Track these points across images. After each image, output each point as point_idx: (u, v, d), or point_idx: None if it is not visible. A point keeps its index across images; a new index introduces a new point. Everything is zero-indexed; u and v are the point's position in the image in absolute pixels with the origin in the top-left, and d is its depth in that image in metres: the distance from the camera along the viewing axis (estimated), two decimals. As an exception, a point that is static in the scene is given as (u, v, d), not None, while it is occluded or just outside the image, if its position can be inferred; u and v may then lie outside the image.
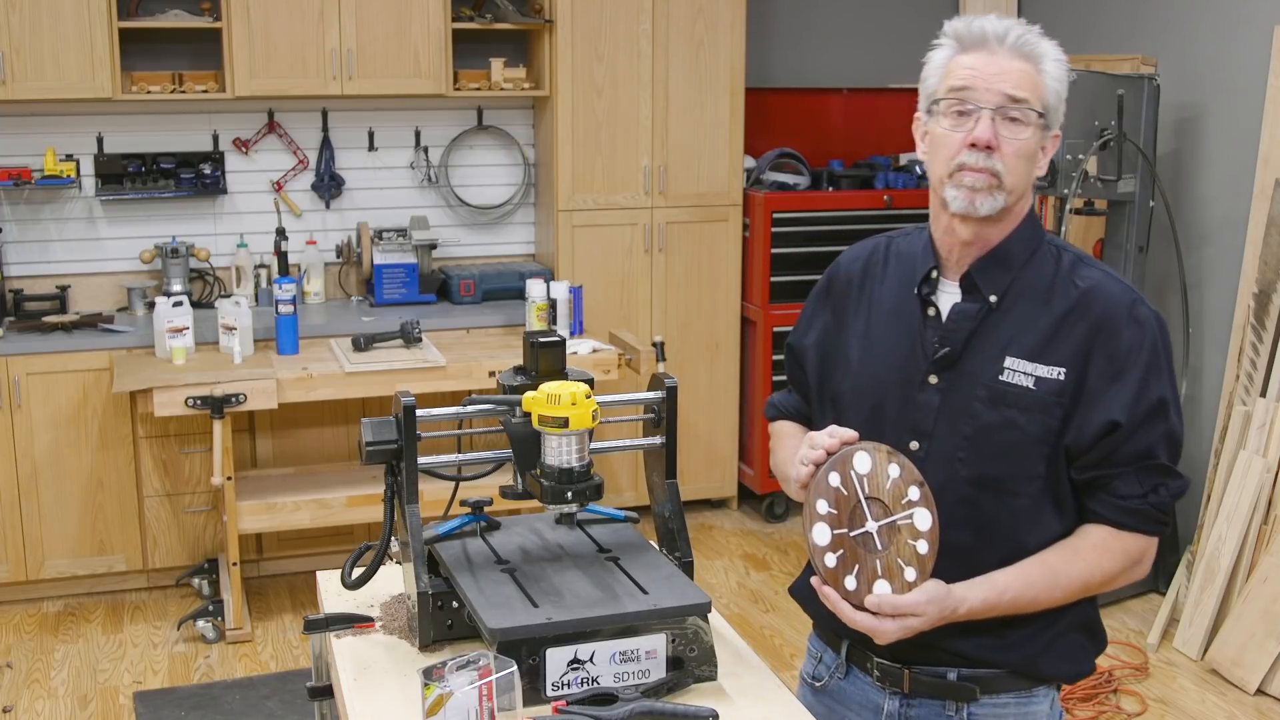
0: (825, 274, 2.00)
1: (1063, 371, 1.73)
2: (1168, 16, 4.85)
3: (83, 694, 3.95)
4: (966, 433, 1.76)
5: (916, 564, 1.67)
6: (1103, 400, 1.72)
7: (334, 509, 4.35)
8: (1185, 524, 4.61)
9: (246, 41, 4.63)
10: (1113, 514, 1.76)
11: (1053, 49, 1.76)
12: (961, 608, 1.70)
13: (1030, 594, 1.74)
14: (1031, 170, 1.76)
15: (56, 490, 4.46)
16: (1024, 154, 1.73)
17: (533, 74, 5.12)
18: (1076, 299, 1.75)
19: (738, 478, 5.47)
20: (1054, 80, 1.75)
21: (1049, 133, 1.76)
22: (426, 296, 5.02)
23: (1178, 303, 4.69)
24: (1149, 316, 1.75)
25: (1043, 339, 1.75)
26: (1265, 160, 4.32)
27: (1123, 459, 1.73)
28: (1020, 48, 1.73)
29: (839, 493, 1.68)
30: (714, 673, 1.83)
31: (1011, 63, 1.73)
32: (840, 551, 1.67)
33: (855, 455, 1.69)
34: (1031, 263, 1.79)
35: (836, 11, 5.79)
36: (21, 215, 4.81)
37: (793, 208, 5.25)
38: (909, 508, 1.68)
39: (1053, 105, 1.75)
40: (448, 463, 1.99)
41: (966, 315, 1.78)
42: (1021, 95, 1.72)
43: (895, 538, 1.67)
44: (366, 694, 1.78)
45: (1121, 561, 1.77)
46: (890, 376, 1.82)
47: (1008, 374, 1.75)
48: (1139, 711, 3.85)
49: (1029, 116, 1.72)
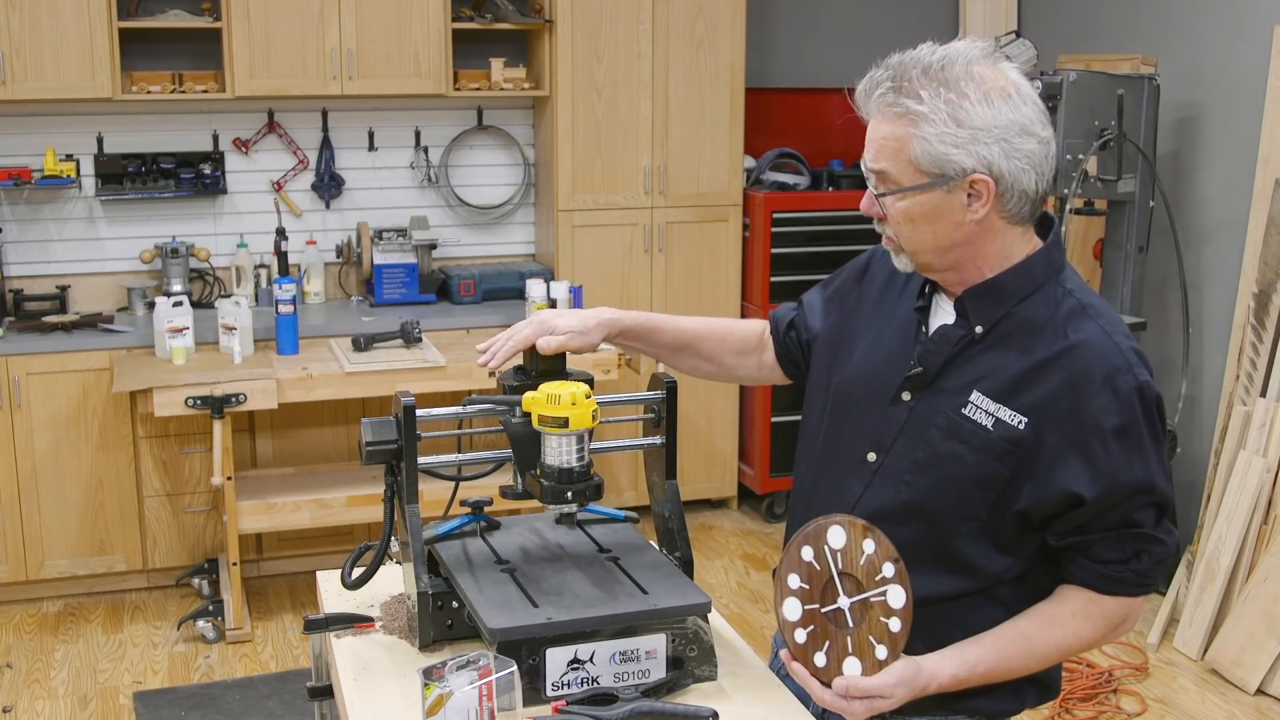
0: (865, 255, 1.95)
1: (1024, 421, 1.64)
2: (1168, 17, 4.85)
3: (83, 694, 3.95)
4: (918, 457, 1.72)
5: (888, 642, 1.62)
6: (1063, 468, 1.63)
7: (334, 509, 4.35)
8: (1185, 524, 4.61)
9: (246, 41, 4.63)
10: (1092, 579, 1.69)
11: (935, 101, 1.58)
12: (932, 685, 1.65)
13: (1005, 666, 1.69)
14: (939, 228, 1.65)
15: (56, 490, 4.46)
16: (910, 217, 1.65)
17: (533, 74, 5.12)
18: (1059, 351, 1.65)
19: (738, 478, 5.47)
20: (930, 138, 1.59)
21: (955, 183, 1.61)
22: (426, 296, 5.02)
23: (1178, 303, 4.69)
24: (1129, 387, 1.63)
25: (1013, 382, 1.66)
26: (1265, 160, 4.32)
27: (1100, 527, 1.66)
28: (880, 111, 1.63)
29: (811, 567, 1.63)
30: (714, 673, 1.83)
31: (878, 128, 1.64)
32: (811, 627, 1.62)
33: (830, 529, 1.64)
34: (1031, 300, 1.69)
35: (836, 11, 5.79)
36: (21, 215, 4.81)
37: (793, 208, 5.25)
38: (883, 584, 1.62)
39: (931, 163, 1.60)
40: (448, 463, 1.99)
41: (948, 339, 1.72)
42: (879, 166, 1.65)
43: (868, 614, 1.62)
44: (366, 694, 1.78)
45: (1102, 628, 1.71)
46: (875, 380, 1.79)
47: (970, 409, 1.68)
48: (1139, 711, 3.85)
49: (892, 183, 1.64)
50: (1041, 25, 5.51)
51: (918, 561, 1.68)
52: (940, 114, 1.59)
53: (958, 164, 1.61)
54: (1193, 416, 4.72)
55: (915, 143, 1.61)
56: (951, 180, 1.62)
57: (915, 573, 1.66)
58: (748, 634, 4.27)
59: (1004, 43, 4.68)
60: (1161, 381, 4.85)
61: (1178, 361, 4.68)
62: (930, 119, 1.59)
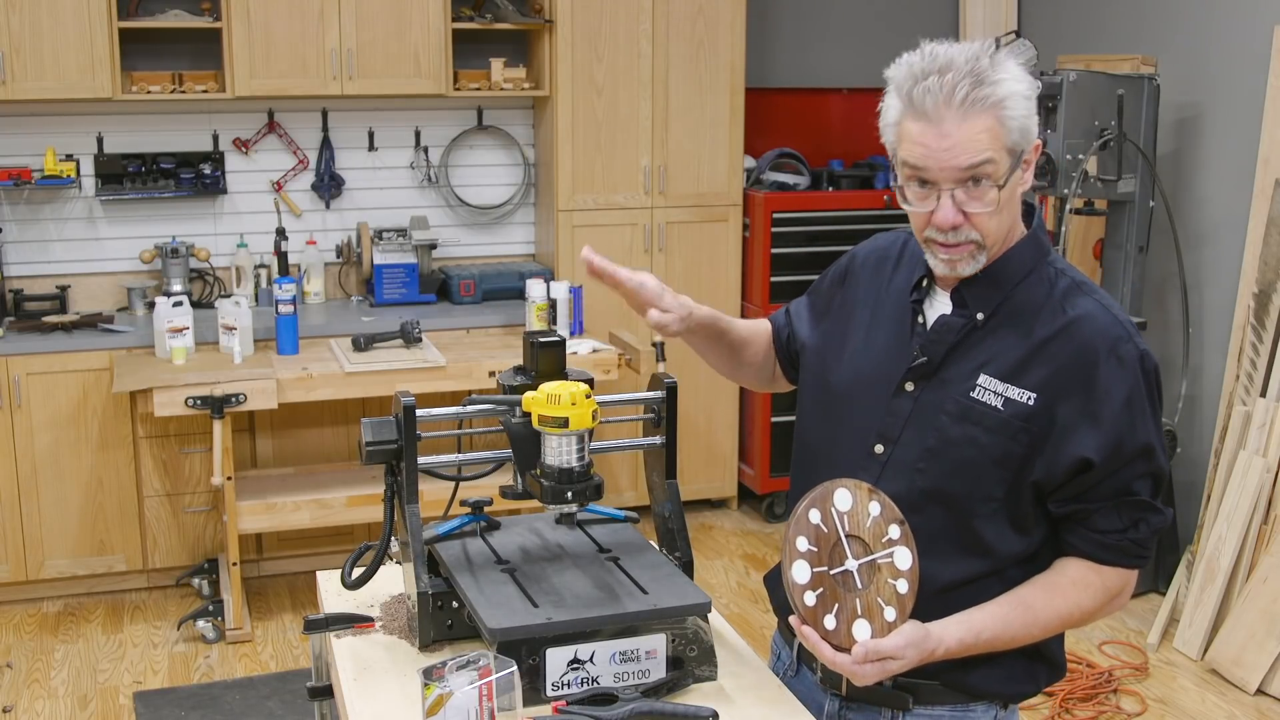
0: (846, 258, 1.97)
1: (1033, 397, 1.69)
2: (1168, 16, 4.85)
3: (83, 694, 3.95)
4: (929, 444, 1.75)
5: (896, 604, 1.65)
6: (1075, 436, 1.68)
7: (334, 509, 4.35)
8: (1185, 524, 4.61)
9: (246, 41, 4.63)
10: (1091, 548, 1.74)
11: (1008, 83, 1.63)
12: (939, 649, 1.68)
13: (1009, 633, 1.72)
14: (1012, 211, 1.71)
15: (56, 490, 4.46)
16: (1003, 204, 1.67)
17: (533, 74, 5.12)
18: (1061, 326, 1.71)
19: (738, 478, 5.47)
20: (1017, 115, 1.63)
21: (1027, 154, 1.67)
22: (426, 296, 5.02)
23: (1178, 303, 4.69)
24: (1133, 354, 1.70)
25: (1019, 362, 1.71)
26: (1265, 160, 4.32)
27: (1101, 495, 1.71)
28: (971, 106, 1.61)
29: (819, 530, 1.65)
30: (714, 673, 1.83)
31: (961, 128, 1.61)
32: (820, 590, 1.64)
33: (836, 492, 1.67)
34: (1026, 283, 1.74)
35: (836, 11, 5.79)
36: (21, 215, 4.81)
37: (793, 208, 5.25)
38: (889, 546, 1.65)
39: (1020, 137, 1.65)
40: (448, 463, 1.99)
41: (950, 328, 1.76)
42: (980, 159, 1.62)
43: (875, 576, 1.65)
44: (366, 694, 1.78)
45: (1101, 597, 1.75)
46: (873, 375, 1.82)
47: (979, 391, 1.72)
48: (1139, 711, 3.85)
49: (994, 171, 1.63)
50: (1041, 25, 5.51)
51: (935, 548, 1.72)
52: (1021, 88, 1.64)
53: (1033, 133, 1.67)
54: (1193, 416, 4.72)
55: (1010, 124, 1.63)
56: (1026, 153, 1.67)
57: (933, 559, 1.71)
58: (748, 634, 4.26)
59: (1004, 43, 4.67)
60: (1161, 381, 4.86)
61: (1178, 361, 4.68)
62: (1014, 97, 1.63)
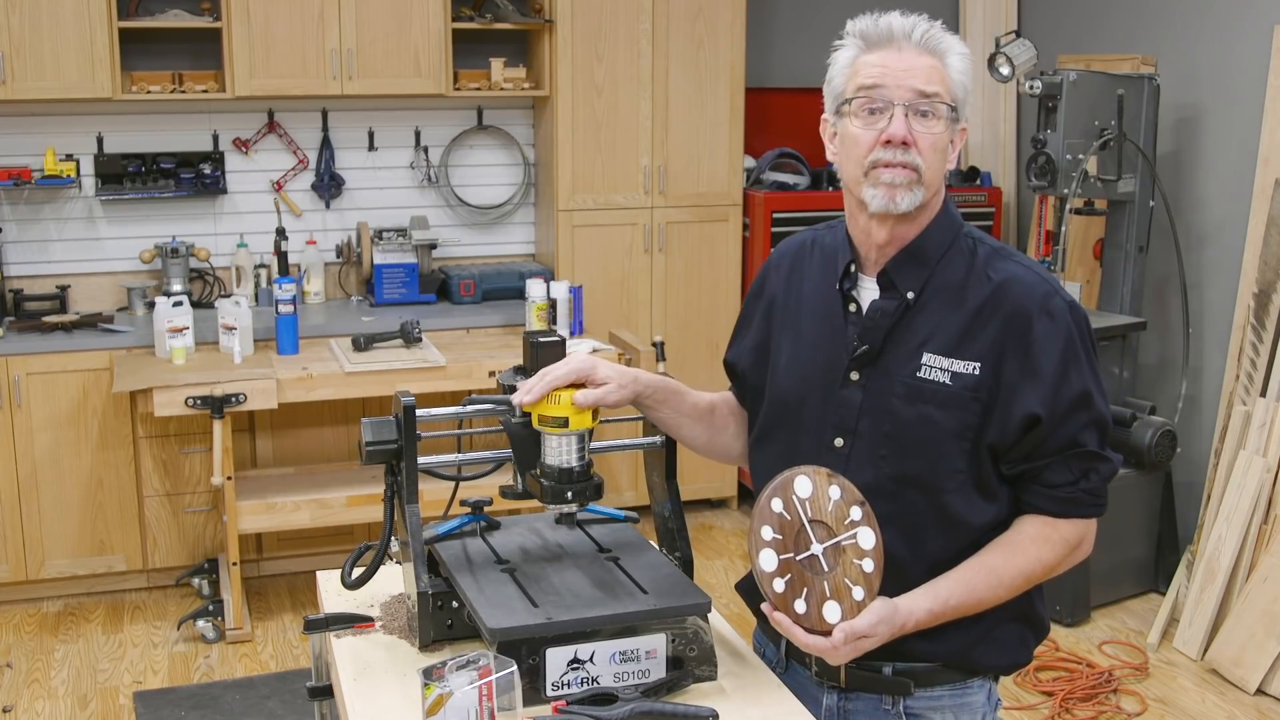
0: (759, 274, 2.01)
1: (978, 366, 1.74)
2: (1168, 16, 4.85)
3: (83, 694, 3.95)
4: (887, 430, 1.78)
5: (864, 583, 1.68)
6: (1020, 395, 1.73)
7: (334, 509, 4.35)
8: (1185, 524, 4.62)
9: (246, 41, 4.63)
10: (1046, 503, 1.78)
11: (957, 44, 1.77)
12: (909, 622, 1.71)
13: (975, 597, 1.75)
14: (944, 164, 1.77)
15: (56, 490, 4.46)
16: (938, 147, 1.74)
17: (533, 74, 5.12)
18: (990, 293, 1.76)
19: (738, 477, 5.47)
20: (959, 74, 1.76)
21: (957, 126, 1.77)
22: (426, 296, 5.02)
23: (1178, 303, 4.69)
24: (1062, 308, 1.75)
25: (958, 334, 1.76)
26: (1265, 160, 4.32)
27: (1049, 450, 1.75)
28: (926, 44, 1.74)
29: (782, 518, 1.68)
30: (714, 673, 1.83)
31: (918, 59, 1.74)
32: (788, 576, 1.67)
33: (796, 479, 1.70)
34: (947, 257, 1.80)
35: (836, 12, 5.74)
36: (21, 215, 4.82)
37: (793, 208, 5.25)
38: (852, 528, 1.69)
39: (960, 98, 1.76)
40: (448, 463, 1.99)
41: (884, 312, 1.79)
42: (932, 89, 1.73)
43: (841, 558, 1.68)
44: (366, 694, 1.78)
45: (1060, 550, 1.79)
46: (816, 372, 1.84)
47: (925, 370, 1.76)
48: (1139, 711, 3.85)
49: (940, 110, 1.73)
50: (1041, 25, 5.51)
51: (916, 529, 1.76)
52: (966, 61, 1.78)
53: (967, 107, 1.78)
54: (1193, 416, 4.72)
55: (956, 76, 1.76)
56: (956, 121, 1.77)
57: (916, 540, 1.76)
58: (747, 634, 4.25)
59: (1004, 43, 4.67)
60: (1162, 381, 4.86)
61: (1178, 361, 4.68)
62: (959, 66, 1.76)
